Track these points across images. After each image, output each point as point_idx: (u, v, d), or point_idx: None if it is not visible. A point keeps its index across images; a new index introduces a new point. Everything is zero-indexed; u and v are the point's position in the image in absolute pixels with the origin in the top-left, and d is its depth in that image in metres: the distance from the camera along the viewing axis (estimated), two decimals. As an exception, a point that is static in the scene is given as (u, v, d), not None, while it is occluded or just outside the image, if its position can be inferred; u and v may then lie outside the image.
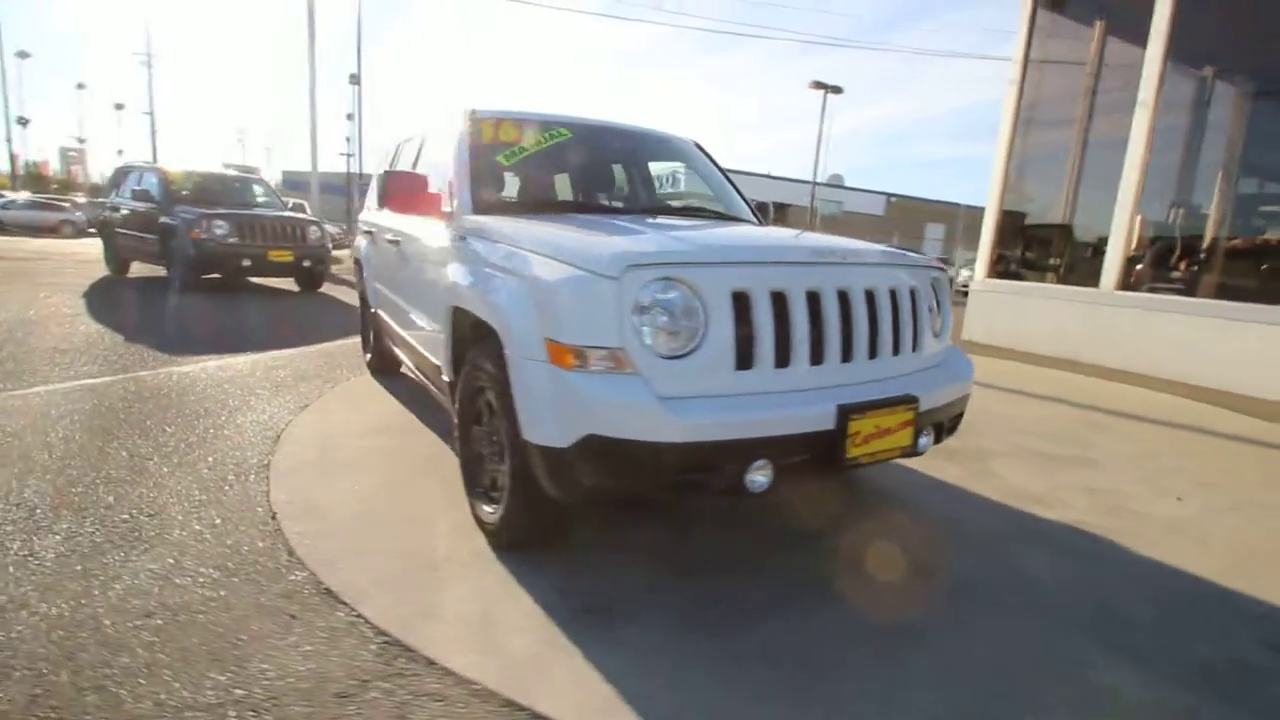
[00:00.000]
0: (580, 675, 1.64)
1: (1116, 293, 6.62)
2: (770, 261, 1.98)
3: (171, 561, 2.09)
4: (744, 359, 1.86)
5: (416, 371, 3.38)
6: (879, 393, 2.03)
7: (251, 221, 8.77)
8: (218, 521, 2.37)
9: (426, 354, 2.96)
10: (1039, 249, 8.30)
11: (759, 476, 1.81)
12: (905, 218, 37.60)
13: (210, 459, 2.96)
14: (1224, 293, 6.07)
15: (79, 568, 2.02)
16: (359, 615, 1.84)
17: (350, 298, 8.04)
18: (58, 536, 2.20)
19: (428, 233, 2.96)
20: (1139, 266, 6.62)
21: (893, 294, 2.17)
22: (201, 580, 1.99)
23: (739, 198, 3.55)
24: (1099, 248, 6.93)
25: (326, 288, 10.15)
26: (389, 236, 3.62)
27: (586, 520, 2.46)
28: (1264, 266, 6.08)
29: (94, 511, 2.39)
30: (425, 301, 2.94)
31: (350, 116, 34.79)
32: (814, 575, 2.21)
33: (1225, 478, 3.44)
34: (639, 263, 1.79)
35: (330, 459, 3.02)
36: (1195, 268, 6.50)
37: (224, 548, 2.19)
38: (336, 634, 1.76)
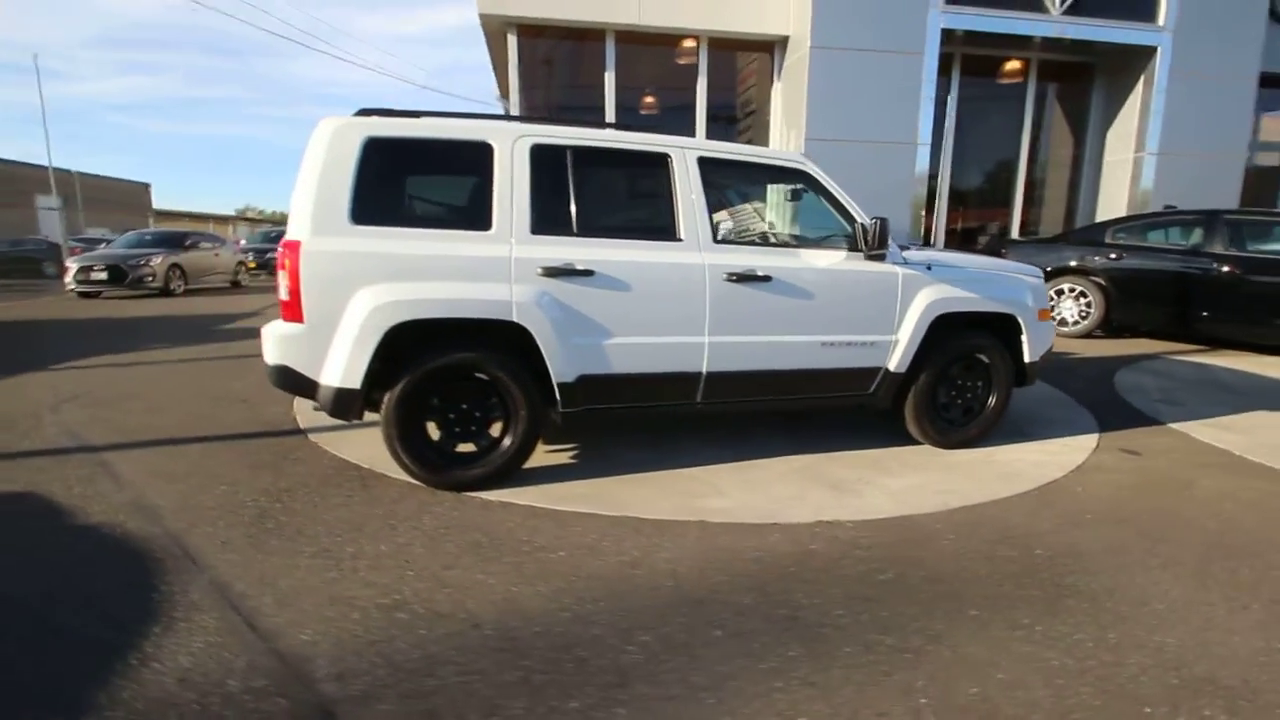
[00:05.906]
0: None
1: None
2: None
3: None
4: None
5: (784, 395, 3.51)
6: None
7: None
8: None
9: (838, 366, 3.56)
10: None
11: None
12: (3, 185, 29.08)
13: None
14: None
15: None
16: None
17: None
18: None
19: (850, 265, 3.51)
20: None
21: None
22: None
23: None
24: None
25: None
26: (731, 273, 3.23)
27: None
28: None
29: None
30: (858, 321, 3.54)
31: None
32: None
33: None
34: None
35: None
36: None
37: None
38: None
